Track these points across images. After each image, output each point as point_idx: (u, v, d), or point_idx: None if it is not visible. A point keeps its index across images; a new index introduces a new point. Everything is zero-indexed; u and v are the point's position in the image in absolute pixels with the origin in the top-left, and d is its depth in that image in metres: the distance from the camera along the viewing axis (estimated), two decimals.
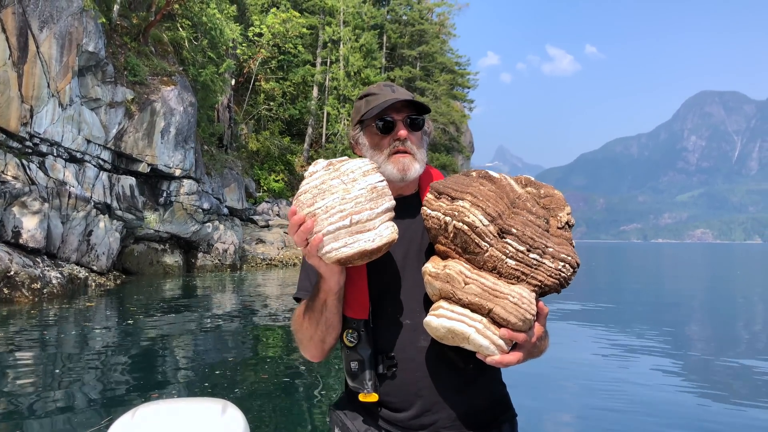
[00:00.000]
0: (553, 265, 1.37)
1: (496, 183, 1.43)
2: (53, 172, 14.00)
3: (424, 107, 1.67)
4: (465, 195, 1.39)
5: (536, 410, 5.38)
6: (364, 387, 1.55)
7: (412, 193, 1.72)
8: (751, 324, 12.59)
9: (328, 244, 1.39)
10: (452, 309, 1.39)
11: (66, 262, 14.02)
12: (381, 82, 1.78)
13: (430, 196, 1.46)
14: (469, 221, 1.35)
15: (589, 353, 8.31)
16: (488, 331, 1.36)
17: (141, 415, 1.63)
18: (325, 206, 1.37)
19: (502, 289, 1.35)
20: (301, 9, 34.45)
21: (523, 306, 1.34)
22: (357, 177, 1.41)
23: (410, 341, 1.59)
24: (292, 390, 5.95)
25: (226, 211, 22.88)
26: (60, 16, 14.07)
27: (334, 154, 34.12)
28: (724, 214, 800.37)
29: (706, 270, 36.01)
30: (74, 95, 14.74)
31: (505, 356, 1.38)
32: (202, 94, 21.23)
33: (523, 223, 1.37)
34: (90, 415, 4.97)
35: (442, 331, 1.39)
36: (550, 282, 1.38)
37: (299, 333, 1.63)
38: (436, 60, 44.27)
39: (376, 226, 1.40)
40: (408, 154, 1.63)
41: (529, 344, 1.41)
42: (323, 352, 1.63)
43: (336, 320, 1.57)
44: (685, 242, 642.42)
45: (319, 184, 1.40)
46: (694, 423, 5.14)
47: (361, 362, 1.56)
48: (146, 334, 8.92)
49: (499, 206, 1.37)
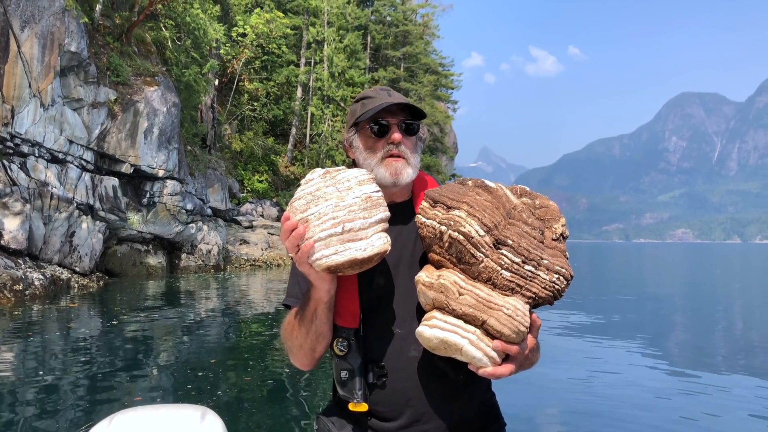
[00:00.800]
0: (548, 277, 1.37)
1: (493, 193, 1.42)
2: (35, 173, 13.90)
3: (420, 112, 1.66)
4: (461, 204, 1.37)
5: (526, 419, 5.31)
6: (354, 396, 1.54)
7: (405, 199, 1.70)
8: (732, 326, 12.77)
9: (319, 251, 1.37)
10: (445, 319, 1.37)
11: (48, 263, 13.92)
12: (377, 86, 1.76)
13: (425, 204, 1.44)
14: (465, 231, 1.34)
15: (576, 357, 8.23)
16: (481, 342, 1.35)
17: (118, 422, 1.60)
18: (317, 213, 1.36)
19: (497, 301, 1.34)
20: (285, 9, 34.43)
21: (517, 318, 1.33)
22: (352, 186, 1.40)
23: (401, 351, 1.57)
24: (275, 396, 5.90)
25: (210, 211, 22.80)
26: (42, 15, 13.97)
27: (318, 154, 34.12)
28: (704, 214, 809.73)
29: (687, 270, 36.39)
30: (56, 95, 14.64)
31: (497, 368, 1.37)
32: (185, 94, 21.14)
33: (519, 235, 1.36)
34: (67, 420, 4.89)
35: (435, 341, 1.38)
36: (544, 294, 1.37)
37: (289, 341, 1.62)
38: (420, 61, 44.39)
39: (369, 236, 1.38)
40: (401, 159, 1.61)
41: (521, 356, 1.40)
42: (313, 361, 1.62)
43: (326, 330, 1.55)
44: (666, 242, 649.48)
45: (313, 191, 1.39)
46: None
47: (351, 371, 1.54)
48: (128, 337, 8.83)
49: (495, 217, 1.36)
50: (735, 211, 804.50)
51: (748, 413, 5.50)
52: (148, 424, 1.62)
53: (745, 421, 5.30)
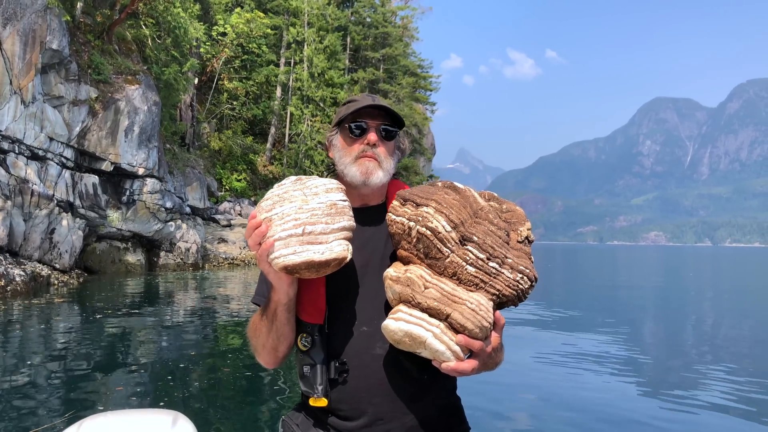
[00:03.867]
0: (512, 275, 1.40)
1: (461, 193, 1.46)
2: (15, 170, 13.94)
3: (400, 120, 1.72)
4: (430, 202, 1.41)
5: (490, 422, 5.25)
6: (315, 391, 1.54)
7: (378, 203, 1.75)
8: (703, 327, 13.11)
9: (278, 250, 1.40)
10: (411, 312, 1.39)
11: (28, 260, 13.97)
12: (366, 93, 1.88)
13: (395, 203, 1.48)
14: (432, 226, 1.38)
15: (543, 358, 8.18)
16: (445, 336, 1.36)
17: (87, 428, 1.57)
18: (281, 213, 1.41)
19: (461, 295, 1.37)
20: (265, 9, 34.50)
21: (480, 313, 1.36)
22: (319, 192, 1.44)
23: (366, 348, 1.58)
24: (247, 398, 5.88)
25: (189, 210, 22.86)
26: (24, 13, 14.01)
27: (296, 154, 34.24)
28: (676, 218, 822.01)
29: (661, 272, 37.01)
30: (37, 93, 14.68)
31: (460, 363, 1.39)
32: (164, 92, 21.18)
33: (484, 232, 1.39)
34: (34, 423, 4.75)
35: (400, 334, 1.39)
36: (508, 292, 1.40)
37: (253, 339, 1.65)
38: (400, 63, 44.72)
39: (329, 241, 1.41)
40: (374, 160, 1.66)
41: (484, 354, 1.42)
42: (277, 359, 1.64)
43: (287, 330, 1.57)
44: (640, 244, 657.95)
45: (281, 193, 1.44)
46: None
47: (313, 366, 1.55)
48: (104, 337, 8.78)
49: (462, 214, 1.40)
50: (706, 214, 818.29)
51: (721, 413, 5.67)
52: (119, 430, 1.59)
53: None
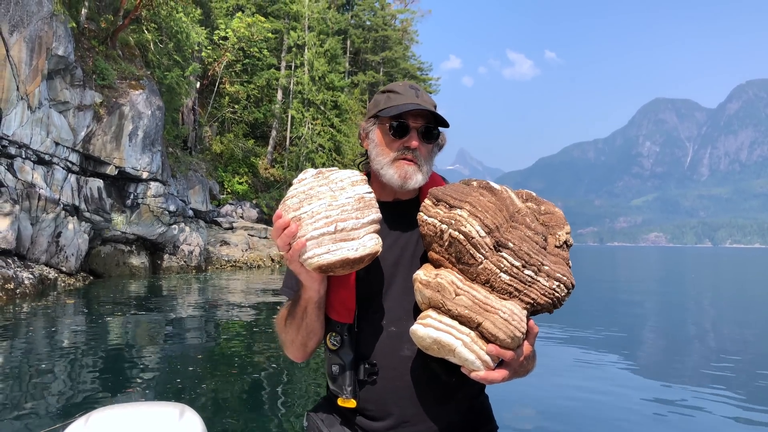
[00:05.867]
0: (548, 284, 1.34)
1: (497, 195, 1.40)
2: (22, 174, 14.14)
3: (443, 121, 1.62)
4: (464, 204, 1.35)
5: (520, 422, 5.19)
6: (343, 392, 1.53)
7: (411, 198, 1.68)
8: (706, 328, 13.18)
9: (311, 250, 1.36)
10: (440, 319, 1.35)
11: (35, 263, 14.17)
12: (407, 82, 1.71)
13: (427, 202, 1.43)
14: (465, 231, 1.32)
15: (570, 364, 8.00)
16: (475, 345, 1.32)
17: (95, 421, 1.57)
18: (311, 211, 1.36)
19: (494, 304, 1.31)
20: (266, 13, 34.76)
21: (513, 323, 1.31)
22: (345, 186, 1.40)
23: (394, 349, 1.55)
24: (255, 394, 5.91)
25: (191, 213, 23.08)
26: (30, 20, 14.23)
27: (297, 157, 34.48)
28: (676, 219, 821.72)
29: (663, 273, 37.00)
30: (43, 98, 14.89)
31: (490, 373, 1.34)
32: (167, 96, 21.40)
33: (520, 238, 1.33)
34: (44, 418, 4.86)
35: (428, 341, 1.35)
36: (543, 301, 1.35)
37: (282, 334, 1.63)
38: (399, 65, 45.03)
39: (361, 236, 1.37)
40: (413, 164, 1.59)
41: (516, 363, 1.37)
42: (306, 354, 1.62)
43: (317, 327, 1.55)
44: (640, 245, 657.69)
45: (306, 190, 1.39)
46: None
47: (342, 366, 1.53)
48: (112, 335, 8.95)
49: (497, 218, 1.34)
50: (706, 215, 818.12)
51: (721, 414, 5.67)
52: (126, 423, 1.59)
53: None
